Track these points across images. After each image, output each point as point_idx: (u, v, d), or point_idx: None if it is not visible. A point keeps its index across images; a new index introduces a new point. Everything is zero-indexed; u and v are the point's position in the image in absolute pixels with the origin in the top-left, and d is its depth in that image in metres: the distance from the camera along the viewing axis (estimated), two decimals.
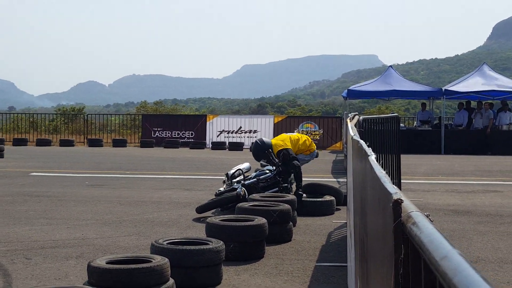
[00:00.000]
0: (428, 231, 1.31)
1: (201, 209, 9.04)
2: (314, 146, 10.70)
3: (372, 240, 2.50)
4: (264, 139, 10.46)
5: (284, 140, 10.28)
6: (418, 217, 1.46)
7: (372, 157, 2.78)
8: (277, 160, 9.94)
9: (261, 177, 9.89)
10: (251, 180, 9.78)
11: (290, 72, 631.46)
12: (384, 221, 1.87)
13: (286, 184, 9.92)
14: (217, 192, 9.71)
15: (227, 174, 9.96)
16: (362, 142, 3.87)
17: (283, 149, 10.06)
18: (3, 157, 19.99)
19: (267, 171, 10.04)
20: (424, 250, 1.26)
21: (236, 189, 9.40)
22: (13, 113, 39.51)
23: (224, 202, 9.24)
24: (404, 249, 1.56)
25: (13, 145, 28.00)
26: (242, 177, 9.88)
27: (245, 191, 9.34)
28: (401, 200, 1.59)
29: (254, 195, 8.99)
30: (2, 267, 6.07)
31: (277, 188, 9.86)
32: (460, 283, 1.00)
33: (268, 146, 10.16)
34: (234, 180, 9.77)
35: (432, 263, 1.18)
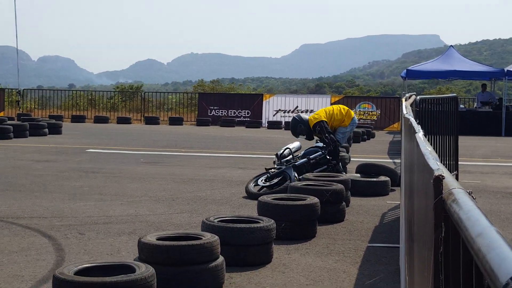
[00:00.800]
0: (467, 208, 1.24)
1: (251, 197, 8.96)
2: (351, 113, 10.52)
3: (418, 220, 2.42)
4: (302, 115, 10.45)
5: (319, 113, 10.22)
6: (459, 193, 1.38)
7: (420, 134, 2.69)
8: (328, 135, 9.85)
9: (311, 156, 9.81)
10: (301, 161, 9.70)
11: (349, 51, 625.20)
12: (426, 199, 1.80)
13: (334, 161, 9.84)
14: (268, 173, 9.48)
15: (276, 154, 9.89)
16: (412, 119, 3.76)
17: (317, 122, 10.00)
18: (61, 134, 20.44)
19: (318, 150, 9.93)
20: (462, 227, 1.19)
21: (285, 171, 9.31)
22: (73, 90, 40.34)
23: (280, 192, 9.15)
24: (445, 227, 1.49)
25: (72, 121, 28.59)
26: (291, 157, 9.76)
27: (298, 178, 9.23)
28: (443, 176, 1.52)
29: (307, 174, 8.92)
30: (56, 241, 6.19)
31: (325, 166, 9.78)
32: (492, 260, 0.93)
33: (305, 121, 10.11)
34: (283, 160, 9.66)
35: (469, 240, 1.11)
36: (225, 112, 29.79)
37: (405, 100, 8.07)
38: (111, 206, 8.09)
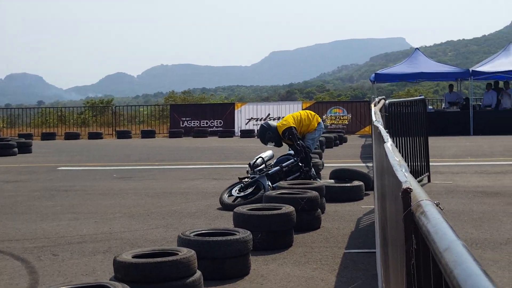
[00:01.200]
0: (435, 221, 1.25)
1: (226, 208, 8.95)
2: (318, 118, 10.50)
3: (390, 227, 2.44)
4: (270, 122, 10.43)
5: (287, 119, 10.22)
6: (427, 206, 1.40)
7: (388, 144, 2.71)
8: (298, 142, 9.88)
9: (283, 164, 9.82)
10: (274, 169, 9.70)
11: (318, 57, 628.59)
12: (396, 209, 1.81)
13: (307, 168, 9.86)
14: (242, 183, 9.49)
15: (249, 164, 9.89)
16: (381, 127, 3.78)
17: (286, 128, 10.03)
18: (31, 152, 20.21)
19: (290, 157, 9.95)
20: (430, 241, 1.20)
21: (259, 180, 9.31)
22: (42, 107, 39.97)
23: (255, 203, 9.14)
24: (415, 239, 1.50)
25: (42, 139, 28.31)
26: (264, 166, 9.77)
27: (271, 187, 9.26)
28: (410, 189, 1.53)
29: (281, 182, 8.93)
30: (29, 264, 6.10)
31: (298, 173, 9.80)
32: (459, 275, 0.94)
33: (274, 128, 10.12)
34: (256, 169, 9.68)
35: (437, 254, 1.12)
36: (197, 122, 29.75)
37: (374, 105, 8.13)
38: (85, 224, 8.00)
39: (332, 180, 10.17)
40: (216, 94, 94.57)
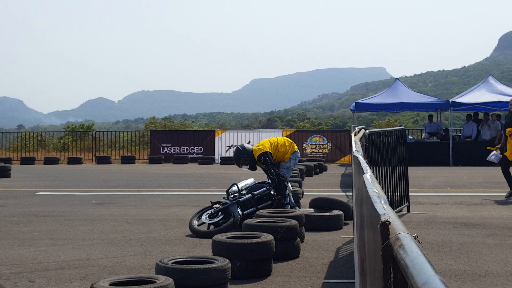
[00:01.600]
0: (413, 255, 1.26)
1: (198, 234, 8.93)
2: (295, 147, 10.46)
3: (369, 258, 2.45)
4: (245, 145, 10.39)
5: (264, 144, 10.22)
6: (405, 239, 1.41)
7: (367, 175, 2.73)
8: (272, 171, 9.89)
9: (255, 192, 9.81)
10: (245, 197, 9.70)
11: (299, 85, 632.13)
12: (375, 241, 1.82)
13: (279, 196, 9.86)
14: (213, 209, 9.50)
15: (227, 191, 9.92)
16: (360, 158, 3.81)
17: (262, 153, 10.04)
18: (10, 177, 20.06)
19: (264, 185, 9.94)
20: (408, 275, 1.21)
21: (229, 207, 9.32)
22: (22, 132, 39.70)
23: (224, 231, 9.11)
24: (393, 272, 1.51)
25: (21, 163, 28.09)
26: (237, 194, 9.79)
27: (242, 215, 9.28)
28: (389, 221, 1.54)
29: (261, 211, 8.92)
30: None
31: (270, 202, 9.80)
32: None
33: (249, 151, 10.12)
34: (231, 196, 9.71)
35: None
36: (177, 149, 29.70)
37: (355, 135, 8.18)
38: (62, 250, 7.92)
39: (312, 209, 10.17)
40: (196, 121, 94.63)
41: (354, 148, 5.51)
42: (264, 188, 9.84)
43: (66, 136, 37.91)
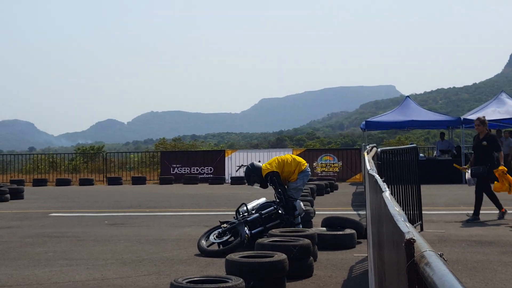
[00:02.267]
0: (440, 273, 1.28)
1: (207, 255, 8.96)
2: (302, 166, 10.31)
3: (389, 277, 2.46)
4: (255, 163, 10.44)
5: (272, 163, 10.26)
6: (431, 257, 1.43)
7: (386, 193, 2.74)
8: (280, 190, 9.92)
9: (263, 211, 9.84)
10: (253, 216, 9.73)
11: (308, 104, 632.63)
12: (398, 259, 1.84)
13: (287, 216, 9.86)
14: (221, 229, 9.53)
15: (237, 210, 9.98)
16: (377, 177, 3.83)
17: (269, 172, 10.09)
18: (23, 198, 20.18)
19: (272, 204, 9.98)
20: None
21: (237, 227, 9.34)
22: (34, 154, 39.92)
23: (231, 251, 9.13)
24: None
25: (33, 185, 28.22)
26: (246, 214, 9.83)
27: (249, 234, 9.31)
28: (414, 240, 1.56)
29: (273, 230, 8.93)
30: None
31: (278, 221, 9.81)
32: None
33: (258, 170, 10.17)
34: (240, 216, 9.75)
35: None
36: (187, 169, 29.72)
37: (367, 154, 8.20)
38: (77, 270, 7.96)
39: (324, 228, 10.17)
40: (206, 141, 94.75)
41: (368, 167, 5.52)
42: (272, 208, 9.87)
43: (77, 158, 38.05)
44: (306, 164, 10.51)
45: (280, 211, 9.86)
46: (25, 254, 9.29)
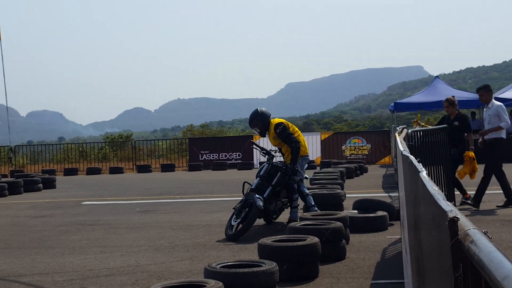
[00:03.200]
0: (486, 250, 1.27)
1: (233, 238, 9.01)
2: (306, 150, 10.40)
3: (428, 257, 2.45)
4: (264, 110, 10.38)
5: (288, 123, 10.28)
6: (476, 235, 1.42)
7: (424, 173, 2.72)
8: (290, 141, 9.96)
9: (260, 173, 9.93)
10: (255, 182, 9.84)
11: (335, 87, 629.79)
12: (439, 239, 1.83)
13: (284, 167, 9.94)
14: (235, 210, 9.57)
15: (242, 191, 10.11)
16: (412, 157, 3.80)
17: (281, 123, 10.14)
18: (55, 188, 20.44)
19: (265, 164, 10.09)
20: (485, 270, 1.22)
21: (248, 199, 9.40)
22: (64, 144, 40.36)
23: (252, 222, 9.18)
24: (463, 268, 1.52)
25: (64, 175, 28.54)
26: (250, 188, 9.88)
27: (262, 198, 9.38)
28: (457, 218, 1.55)
29: (305, 214, 8.95)
30: None
31: (279, 172, 9.82)
32: None
33: (265, 116, 10.17)
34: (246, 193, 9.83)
35: (494, 283, 1.14)
36: (216, 155, 29.82)
37: (398, 135, 8.14)
38: (111, 257, 8.05)
39: (355, 211, 10.15)
40: (233, 127, 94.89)
41: (401, 148, 5.49)
42: (265, 165, 9.95)
43: (106, 147, 38.38)
44: (308, 152, 10.51)
45: (274, 163, 9.95)
46: (60, 242, 9.42)
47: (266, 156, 10.25)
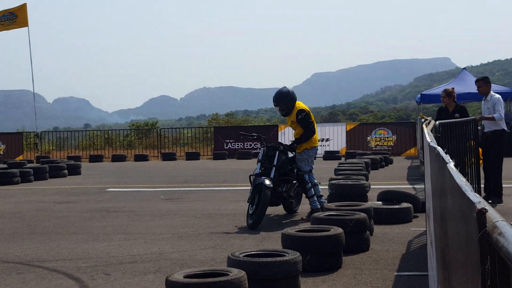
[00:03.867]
0: None
1: (254, 225, 9.02)
2: (315, 141, 10.38)
3: (454, 250, 2.41)
4: (293, 91, 10.37)
5: (306, 109, 10.27)
6: (504, 227, 1.38)
7: (451, 164, 2.68)
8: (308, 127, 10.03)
9: (259, 158, 10.01)
10: (257, 167, 9.86)
11: (361, 78, 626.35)
12: (466, 231, 1.79)
13: (281, 147, 10.05)
14: (248, 200, 9.58)
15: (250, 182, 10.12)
16: (439, 149, 3.74)
17: (304, 109, 10.15)
18: (80, 174, 20.61)
19: (261, 149, 10.15)
20: None
21: (256, 185, 9.41)
22: (89, 130, 40.68)
23: (266, 205, 9.16)
24: (490, 260, 1.48)
25: (90, 161, 28.77)
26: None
27: (270, 179, 9.42)
28: (486, 209, 1.51)
29: (328, 204, 8.91)
30: (83, 283, 6.20)
31: (277, 151, 9.87)
32: None
33: (294, 99, 10.21)
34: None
35: None
36: (241, 144, 29.83)
37: (426, 126, 8.05)
38: (135, 245, 8.10)
39: (380, 202, 10.08)
40: (258, 116, 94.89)
41: (428, 139, 5.42)
42: (262, 149, 10.04)
43: (132, 134, 38.60)
44: (317, 144, 10.51)
45: (269, 145, 10.04)
46: (84, 229, 9.50)
47: (259, 141, 10.39)
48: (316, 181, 10.24)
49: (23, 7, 30.17)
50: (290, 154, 10.21)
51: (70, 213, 11.26)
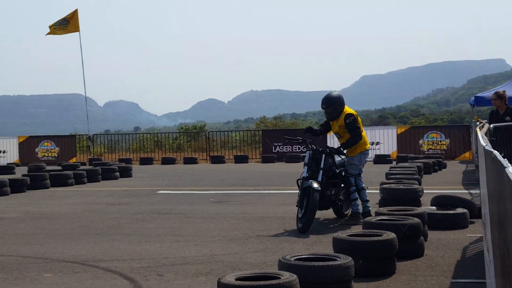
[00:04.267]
0: None
1: (304, 229, 8.95)
2: (367, 145, 10.27)
3: None
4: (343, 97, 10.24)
5: (354, 113, 10.15)
6: None
7: (510, 168, 2.59)
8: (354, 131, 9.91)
9: (306, 161, 9.85)
10: (304, 171, 9.71)
11: (412, 80, 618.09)
12: None
13: (327, 149, 9.88)
14: (297, 204, 9.47)
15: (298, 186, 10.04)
16: (496, 152, 3.64)
17: (352, 114, 10.01)
18: (131, 176, 20.86)
19: (308, 153, 9.97)
20: None
21: (304, 189, 9.30)
22: (139, 133, 41.20)
23: (315, 208, 9.07)
24: None
25: (140, 164, 29.12)
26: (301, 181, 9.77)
27: (317, 182, 9.32)
28: None
29: (381, 209, 8.79)
30: (137, 283, 6.26)
31: (324, 154, 9.72)
32: None
33: (343, 104, 10.08)
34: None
35: None
36: (289, 148, 29.75)
37: (480, 129, 7.88)
38: (187, 246, 8.14)
39: (434, 207, 9.90)
40: (306, 119, 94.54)
41: (483, 143, 5.30)
42: (308, 152, 9.88)
43: (181, 137, 38.93)
44: (368, 147, 10.37)
45: (315, 148, 9.87)
46: (137, 230, 9.60)
47: (304, 145, 10.28)
48: (364, 185, 10.13)
49: (74, 13, 30.79)
50: (338, 158, 10.11)
51: (123, 215, 11.40)
